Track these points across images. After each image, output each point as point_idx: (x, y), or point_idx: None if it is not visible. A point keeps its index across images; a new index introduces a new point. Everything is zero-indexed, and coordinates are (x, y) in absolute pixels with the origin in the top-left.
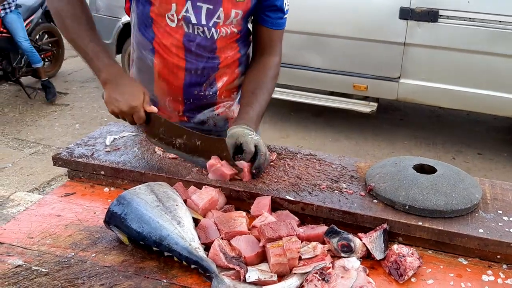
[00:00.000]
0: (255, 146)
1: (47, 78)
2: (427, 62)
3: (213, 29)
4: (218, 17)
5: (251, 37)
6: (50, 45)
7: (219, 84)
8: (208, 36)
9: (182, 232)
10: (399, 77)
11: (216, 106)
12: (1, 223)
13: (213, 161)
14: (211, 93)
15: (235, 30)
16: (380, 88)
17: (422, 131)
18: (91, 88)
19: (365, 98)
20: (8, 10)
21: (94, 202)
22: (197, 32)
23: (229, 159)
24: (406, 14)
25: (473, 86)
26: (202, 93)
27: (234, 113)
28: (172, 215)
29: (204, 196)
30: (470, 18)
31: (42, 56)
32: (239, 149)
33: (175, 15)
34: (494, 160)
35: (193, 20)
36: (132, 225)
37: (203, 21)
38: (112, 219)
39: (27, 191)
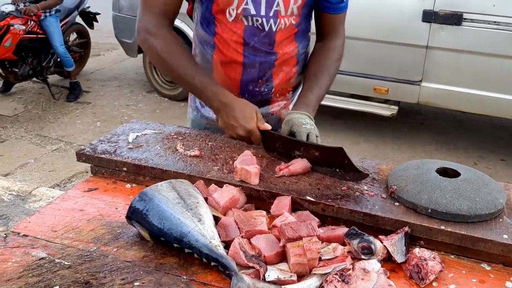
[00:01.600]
0: (307, 135)
1: (76, 80)
2: (450, 65)
3: (271, 21)
4: (278, 5)
5: (309, 34)
6: (79, 46)
7: (276, 81)
8: (267, 29)
9: (203, 230)
10: (420, 81)
11: (271, 105)
12: (23, 217)
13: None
14: (266, 89)
15: (294, 22)
16: (401, 91)
17: (444, 136)
18: (112, 86)
19: (386, 101)
20: (47, 14)
21: (116, 198)
22: (256, 25)
23: (352, 166)
24: (430, 17)
25: (497, 91)
26: (258, 89)
27: None
28: (193, 213)
29: (225, 194)
30: (495, 22)
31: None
32: (293, 136)
33: (235, 10)
34: None
35: (252, 11)
36: (154, 221)
37: (262, 12)
38: (134, 215)
39: (49, 187)
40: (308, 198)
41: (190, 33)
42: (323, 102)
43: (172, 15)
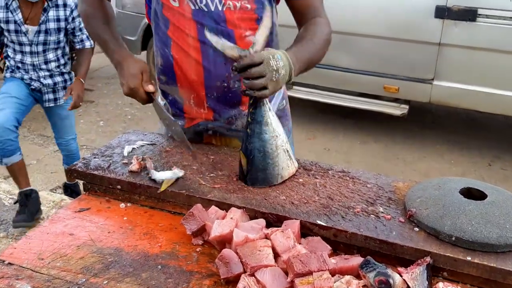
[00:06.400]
0: (263, 61)
1: (76, 181)
2: (464, 63)
3: (216, 0)
4: None
5: (276, 29)
6: None
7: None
8: (213, 8)
9: None
10: (432, 79)
11: (243, 104)
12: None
13: None
14: (236, 86)
15: (248, 6)
16: (412, 90)
17: (456, 135)
18: (116, 84)
19: (396, 100)
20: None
21: (109, 220)
22: (201, 6)
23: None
24: (442, 12)
25: None
26: (225, 84)
27: None
28: None
29: (225, 227)
30: (511, 18)
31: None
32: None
33: None
34: None
35: None
36: None
37: None
38: None
39: (51, 189)
40: (319, 222)
41: None
42: (333, 101)
43: None
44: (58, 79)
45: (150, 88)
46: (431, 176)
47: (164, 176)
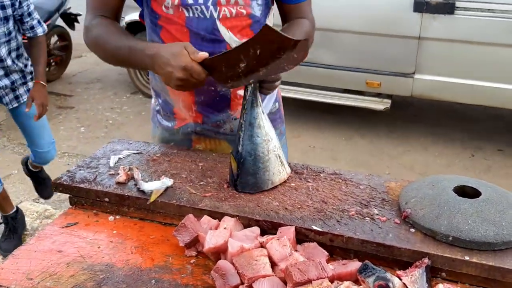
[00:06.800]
0: None
1: (38, 169)
2: (444, 56)
3: (211, 8)
4: None
5: None
6: (60, 49)
7: None
8: (208, 16)
9: None
10: (413, 73)
11: (232, 109)
12: None
13: None
14: (223, 90)
15: (243, 11)
16: (394, 85)
17: (438, 127)
18: (95, 89)
19: (378, 95)
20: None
21: (98, 234)
22: (197, 14)
23: (282, 35)
24: (421, 6)
25: (492, 80)
26: (213, 88)
27: None
28: None
29: (219, 238)
30: (489, 9)
31: (51, 60)
32: None
33: (170, 2)
34: None
35: (189, 1)
36: None
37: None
38: None
39: (33, 199)
40: (314, 227)
41: None
42: (315, 98)
43: (111, 10)
44: (15, 76)
45: (202, 54)
46: (416, 169)
47: (153, 186)
